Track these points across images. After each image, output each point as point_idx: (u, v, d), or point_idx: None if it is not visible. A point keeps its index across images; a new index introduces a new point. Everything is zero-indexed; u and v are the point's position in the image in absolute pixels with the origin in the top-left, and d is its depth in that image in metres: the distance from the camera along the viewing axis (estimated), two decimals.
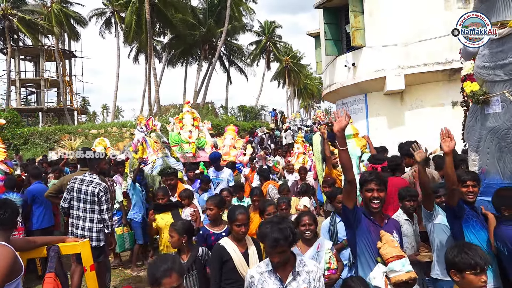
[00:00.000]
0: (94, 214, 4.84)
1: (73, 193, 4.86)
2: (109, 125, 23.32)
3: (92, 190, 4.82)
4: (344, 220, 3.18)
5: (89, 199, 4.82)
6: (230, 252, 3.39)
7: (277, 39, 46.64)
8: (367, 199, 3.04)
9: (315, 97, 56.35)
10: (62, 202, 4.94)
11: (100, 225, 4.88)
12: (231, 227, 3.50)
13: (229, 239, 3.51)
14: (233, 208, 3.65)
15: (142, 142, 7.89)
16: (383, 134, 11.28)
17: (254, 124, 28.74)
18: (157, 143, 7.85)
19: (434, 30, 10.41)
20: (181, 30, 33.23)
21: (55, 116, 35.64)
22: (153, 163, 7.46)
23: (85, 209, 4.83)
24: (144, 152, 7.76)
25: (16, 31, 31.92)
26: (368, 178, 3.04)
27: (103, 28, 35.23)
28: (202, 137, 9.99)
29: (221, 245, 3.44)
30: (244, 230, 3.46)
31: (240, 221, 3.44)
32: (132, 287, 6.12)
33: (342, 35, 13.08)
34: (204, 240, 4.09)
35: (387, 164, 5.47)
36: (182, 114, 10.12)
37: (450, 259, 2.52)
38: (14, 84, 34.62)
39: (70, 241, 3.58)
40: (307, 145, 10.80)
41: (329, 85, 13.73)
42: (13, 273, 2.72)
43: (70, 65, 38.06)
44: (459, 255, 2.46)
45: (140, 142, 7.92)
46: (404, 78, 10.75)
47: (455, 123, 10.38)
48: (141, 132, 8.23)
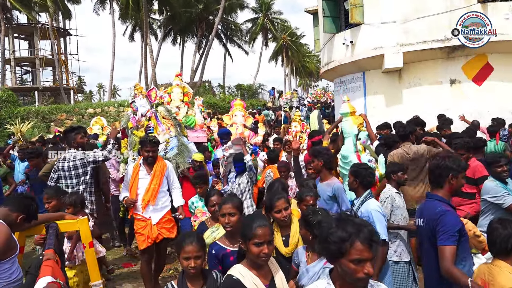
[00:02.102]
0: (82, 186, 5.10)
1: (60, 172, 5.06)
2: (106, 104, 23.17)
3: (73, 166, 5.04)
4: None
5: (74, 173, 5.05)
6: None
7: (275, 16, 46.01)
8: None
9: (313, 76, 56.01)
10: (49, 181, 5.10)
11: (91, 197, 5.21)
12: (248, 247, 2.40)
13: (245, 266, 2.43)
14: (249, 218, 2.63)
15: (149, 117, 6.55)
16: (381, 112, 11.27)
17: (251, 102, 28.65)
18: (166, 118, 6.71)
19: (433, 7, 10.28)
20: (177, 8, 32.72)
21: (51, 95, 35.36)
22: (166, 143, 6.41)
23: (72, 184, 5.06)
24: (155, 129, 6.53)
25: (9, 9, 31.35)
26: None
27: (97, 4, 34.65)
28: (191, 115, 8.52)
29: (236, 279, 2.36)
30: (267, 252, 2.37)
31: (261, 237, 2.36)
32: (132, 263, 6.21)
33: (341, 12, 12.91)
34: (219, 262, 3.01)
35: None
36: (171, 87, 8.56)
37: None
38: (9, 63, 34.19)
39: (69, 219, 3.62)
40: (304, 124, 10.79)
41: (327, 63, 13.63)
42: (7, 251, 2.73)
43: (65, 43, 37.54)
44: None
45: (146, 117, 6.53)
46: (403, 55, 10.67)
47: (453, 101, 10.47)
48: (142, 105, 6.60)
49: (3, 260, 2.69)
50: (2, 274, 2.71)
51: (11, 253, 2.76)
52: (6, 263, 2.73)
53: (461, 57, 10.45)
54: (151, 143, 4.87)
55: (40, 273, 2.57)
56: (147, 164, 4.91)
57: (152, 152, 4.88)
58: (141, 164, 4.92)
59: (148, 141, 4.87)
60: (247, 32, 43.43)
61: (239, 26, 41.13)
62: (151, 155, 4.87)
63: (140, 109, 6.53)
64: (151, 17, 35.94)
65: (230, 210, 3.05)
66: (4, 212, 2.91)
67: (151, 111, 6.53)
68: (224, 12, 34.15)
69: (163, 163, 5.04)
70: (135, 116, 6.56)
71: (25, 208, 3.00)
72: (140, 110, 6.52)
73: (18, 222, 2.96)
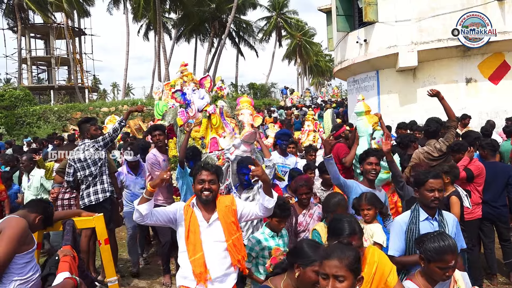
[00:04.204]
0: (102, 177, 5.01)
1: (76, 164, 4.96)
2: (120, 103, 23.43)
3: (89, 154, 4.95)
4: None
5: (91, 162, 4.95)
6: None
7: (288, 15, 45.86)
8: None
9: (325, 75, 55.72)
10: (66, 177, 5.05)
11: (111, 187, 5.08)
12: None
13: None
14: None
15: (209, 114, 5.10)
16: (394, 111, 11.18)
17: (264, 102, 28.62)
18: (229, 117, 5.37)
19: (448, 5, 10.15)
20: (190, 7, 32.86)
21: (66, 94, 35.85)
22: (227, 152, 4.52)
23: (91, 174, 4.96)
24: (218, 128, 5.05)
25: (25, 9, 31.86)
26: None
27: (111, 4, 34.97)
28: None
29: None
30: None
31: None
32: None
33: (354, 10, 12.83)
34: None
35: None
36: (174, 80, 7.12)
37: None
38: (25, 62, 34.77)
39: (85, 216, 3.67)
40: (317, 123, 10.74)
41: (340, 62, 13.56)
42: (24, 245, 2.76)
43: (80, 42, 38.04)
44: None
45: (206, 113, 5.08)
46: (417, 54, 10.56)
47: (469, 100, 10.32)
48: (200, 97, 5.20)
49: (19, 253, 2.73)
50: (17, 270, 2.72)
51: (27, 247, 2.79)
52: (22, 258, 2.75)
53: (477, 56, 10.29)
54: (208, 168, 2.97)
55: (59, 268, 2.62)
56: (202, 204, 2.98)
57: (213, 188, 2.94)
58: (195, 204, 2.99)
59: (203, 166, 3.00)
60: (259, 31, 43.41)
61: (251, 24, 41.11)
62: (209, 195, 2.93)
63: (197, 102, 5.14)
64: (165, 16, 36.14)
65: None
66: (23, 213, 3.03)
67: (213, 106, 5.12)
68: (236, 11, 34.17)
69: (229, 200, 3.06)
70: (186, 110, 5.19)
71: (43, 210, 3.17)
72: (197, 103, 5.12)
73: (36, 222, 3.07)
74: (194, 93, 5.26)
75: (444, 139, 4.75)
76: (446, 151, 4.69)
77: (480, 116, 9.94)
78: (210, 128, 5.19)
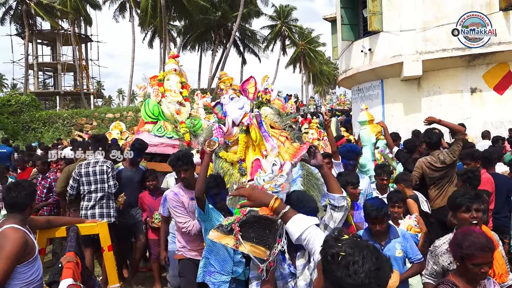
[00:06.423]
0: (105, 192, 4.89)
1: (82, 178, 4.87)
2: (125, 109, 23.58)
3: (100, 169, 4.86)
4: None
5: (99, 178, 4.85)
6: None
7: (293, 23, 46.06)
8: None
9: (330, 83, 55.78)
10: (70, 190, 4.96)
11: (114, 203, 4.99)
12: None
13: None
14: None
15: (247, 125, 3.63)
16: (399, 121, 11.16)
17: None
18: (275, 127, 3.97)
19: (453, 15, 10.16)
20: (196, 15, 33.08)
21: (71, 100, 36.09)
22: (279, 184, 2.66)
23: (96, 189, 4.86)
24: (262, 145, 3.58)
25: (33, 16, 32.21)
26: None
27: (117, 12, 35.26)
28: (197, 117, 6.45)
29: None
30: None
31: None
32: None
33: (359, 19, 12.87)
34: None
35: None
36: (163, 73, 6.38)
37: None
38: (32, 68, 35.08)
39: (89, 222, 3.68)
40: (321, 131, 10.75)
41: (345, 71, 13.58)
42: (24, 256, 2.77)
43: (86, 49, 38.41)
44: None
45: (243, 126, 3.67)
46: (422, 63, 10.56)
47: (474, 110, 10.30)
48: (239, 107, 3.76)
49: (20, 264, 2.74)
50: (19, 275, 2.74)
51: (28, 257, 2.79)
52: (23, 267, 2.77)
53: (482, 66, 10.28)
54: None
55: (62, 275, 2.62)
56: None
57: None
58: None
59: None
60: (264, 39, 43.59)
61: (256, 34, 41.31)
62: None
63: (233, 112, 3.74)
64: (170, 23, 36.38)
65: None
66: (18, 216, 2.92)
67: (249, 116, 3.65)
68: (241, 19, 34.36)
69: None
70: (222, 127, 3.72)
71: (27, 194, 2.94)
72: (233, 114, 3.74)
73: (31, 211, 3.05)
74: (233, 101, 3.85)
75: (449, 151, 4.77)
76: (449, 163, 4.73)
77: (484, 126, 9.90)
78: (252, 146, 3.65)
